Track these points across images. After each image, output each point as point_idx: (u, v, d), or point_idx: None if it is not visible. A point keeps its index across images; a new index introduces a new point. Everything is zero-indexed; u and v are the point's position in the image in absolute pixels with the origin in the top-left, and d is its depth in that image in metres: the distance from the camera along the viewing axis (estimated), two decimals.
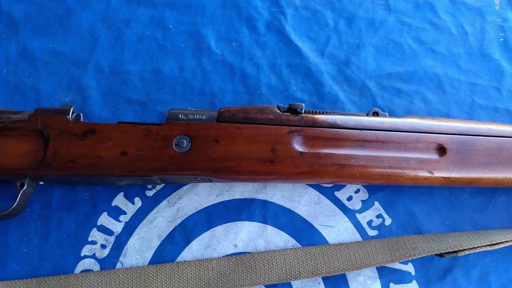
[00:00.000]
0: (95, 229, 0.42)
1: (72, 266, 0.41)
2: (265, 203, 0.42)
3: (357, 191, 0.43)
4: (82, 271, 0.41)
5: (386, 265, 0.40)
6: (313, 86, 0.46)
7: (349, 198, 0.42)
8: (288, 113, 0.35)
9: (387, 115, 0.38)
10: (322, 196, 0.43)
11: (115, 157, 0.35)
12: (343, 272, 0.39)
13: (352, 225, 0.42)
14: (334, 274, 0.39)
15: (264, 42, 0.48)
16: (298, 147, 0.34)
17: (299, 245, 0.41)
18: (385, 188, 0.42)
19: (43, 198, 0.43)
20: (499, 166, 0.36)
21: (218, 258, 0.40)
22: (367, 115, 0.37)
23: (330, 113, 0.36)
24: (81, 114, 0.38)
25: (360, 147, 0.35)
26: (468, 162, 0.36)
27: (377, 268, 0.40)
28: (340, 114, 0.36)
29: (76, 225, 0.42)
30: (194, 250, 0.41)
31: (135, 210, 0.42)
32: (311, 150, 0.34)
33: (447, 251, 0.38)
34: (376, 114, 0.37)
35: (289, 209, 0.42)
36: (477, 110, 0.45)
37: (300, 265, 0.39)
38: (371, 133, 0.35)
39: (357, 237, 0.41)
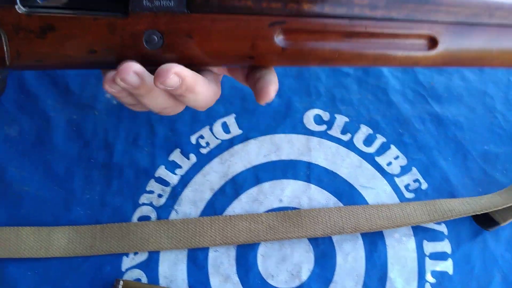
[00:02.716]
0: (153, 180, 0.51)
1: (130, 212, 0.50)
2: (309, 164, 0.51)
3: (396, 158, 0.51)
4: (140, 217, 0.49)
5: (420, 225, 0.48)
6: None
7: (389, 164, 0.51)
8: None
9: None
10: (363, 160, 0.51)
11: (84, 55, 0.35)
12: (384, 229, 0.47)
13: (391, 188, 0.50)
14: (375, 230, 0.47)
15: None
16: (280, 42, 0.34)
17: (340, 204, 0.49)
18: (423, 156, 0.50)
19: (106, 151, 0.52)
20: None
21: (266, 212, 0.49)
22: None
23: None
24: None
25: (347, 39, 0.34)
26: (460, 53, 0.36)
27: (412, 227, 0.48)
28: None
29: (135, 176, 0.51)
30: (243, 202, 0.50)
31: (191, 165, 0.51)
32: (293, 45, 0.34)
33: (481, 212, 0.46)
34: None
35: (332, 171, 0.51)
36: None
37: (344, 222, 0.48)
38: (360, 24, 0.34)
39: (394, 198, 0.49)
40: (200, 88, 0.34)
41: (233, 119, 0.54)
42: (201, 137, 0.53)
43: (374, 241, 0.48)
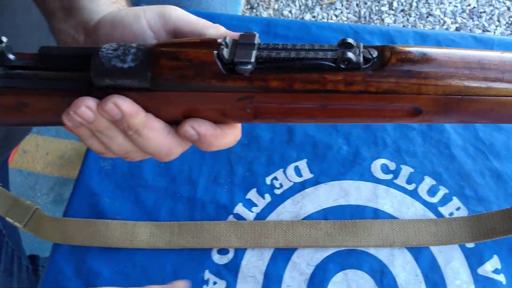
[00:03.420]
0: (231, 216, 0.56)
1: None
2: (376, 211, 0.55)
3: (458, 209, 0.54)
4: (218, 249, 0.54)
5: (480, 273, 0.51)
6: None
7: (451, 214, 0.54)
8: (235, 75, 0.32)
9: (370, 55, 0.32)
10: (427, 209, 0.55)
11: (60, 121, 0.35)
12: (431, 246, 0.52)
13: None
14: (423, 246, 0.52)
15: None
16: (251, 111, 0.33)
17: (405, 250, 0.53)
18: (483, 209, 0.54)
19: (190, 186, 0.57)
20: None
21: (325, 220, 0.54)
22: (338, 46, 0.32)
23: (286, 61, 0.31)
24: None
25: (321, 108, 0.32)
26: (445, 119, 0.34)
27: (472, 275, 0.51)
28: (299, 59, 0.31)
29: (215, 211, 0.56)
30: None
31: (265, 204, 0.56)
32: (265, 114, 0.34)
33: None
34: (347, 45, 0.32)
35: (396, 217, 0.54)
36: None
37: (394, 235, 0.53)
38: (335, 97, 0.32)
39: (456, 246, 0.53)
40: (151, 133, 0.34)
41: (304, 163, 0.59)
42: (275, 178, 0.58)
43: (436, 286, 0.52)
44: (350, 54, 0.30)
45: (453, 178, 0.57)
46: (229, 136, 0.36)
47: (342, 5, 1.72)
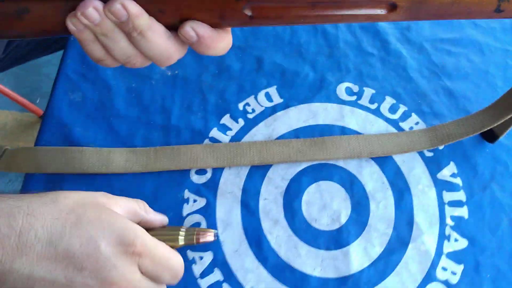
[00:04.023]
0: (207, 139, 0.57)
1: None
2: (343, 128, 0.58)
3: (417, 123, 0.59)
4: (196, 170, 0.55)
5: (439, 178, 0.56)
6: (381, 44, 0.63)
7: (411, 128, 0.59)
8: None
9: None
10: (389, 125, 0.59)
11: (62, 29, 0.35)
12: (394, 154, 0.56)
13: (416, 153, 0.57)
14: (387, 155, 0.57)
15: None
16: (248, 11, 0.36)
17: (371, 161, 0.56)
18: (439, 122, 0.58)
19: (164, 115, 0.58)
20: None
21: (296, 139, 0.57)
22: None
23: None
24: None
25: (311, 7, 0.36)
26: (417, 15, 0.38)
27: (433, 180, 0.56)
28: None
29: (191, 137, 0.58)
30: None
31: (239, 128, 0.58)
32: (261, 14, 0.36)
33: (473, 134, 0.56)
34: None
35: (362, 133, 0.58)
36: (509, 70, 0.62)
37: (361, 148, 0.57)
38: None
39: (415, 154, 0.57)
40: (153, 36, 0.35)
41: (274, 89, 0.61)
42: (247, 104, 0.60)
43: (401, 191, 0.56)
44: None
45: (411, 96, 0.61)
46: (224, 40, 0.37)
47: None
